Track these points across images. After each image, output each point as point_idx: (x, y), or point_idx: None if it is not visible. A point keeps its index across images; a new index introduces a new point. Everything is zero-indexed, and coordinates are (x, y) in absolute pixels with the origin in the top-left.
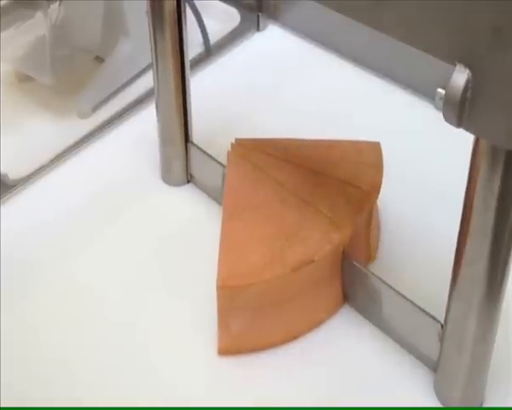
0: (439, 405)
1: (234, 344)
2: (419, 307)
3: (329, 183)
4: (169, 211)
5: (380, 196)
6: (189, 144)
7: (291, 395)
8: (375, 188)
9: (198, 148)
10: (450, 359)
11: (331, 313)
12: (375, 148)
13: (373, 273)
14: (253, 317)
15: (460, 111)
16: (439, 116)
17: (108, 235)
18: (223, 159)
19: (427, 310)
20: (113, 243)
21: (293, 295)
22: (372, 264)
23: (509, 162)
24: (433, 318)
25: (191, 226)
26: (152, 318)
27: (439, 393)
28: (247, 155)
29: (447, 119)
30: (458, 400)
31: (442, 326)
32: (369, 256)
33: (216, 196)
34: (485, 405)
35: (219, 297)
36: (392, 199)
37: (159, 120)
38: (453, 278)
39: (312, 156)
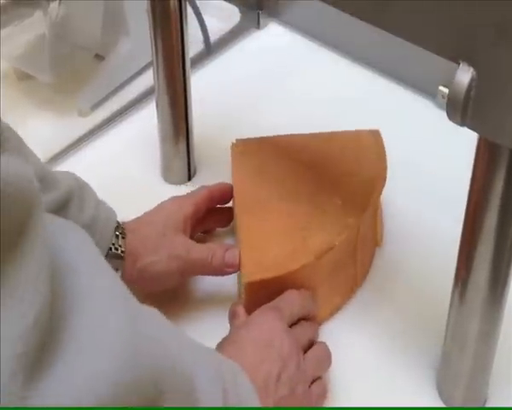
0: (441, 404)
1: None
2: None
3: (335, 173)
4: None
5: (382, 194)
6: None
7: None
8: (381, 174)
9: None
10: (452, 358)
11: (347, 297)
12: (375, 135)
13: None
14: None
15: (464, 110)
16: (442, 114)
17: None
18: (224, 156)
19: (431, 302)
20: None
21: (314, 282)
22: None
23: None
24: None
25: None
26: None
27: (441, 391)
28: (250, 156)
29: (451, 117)
30: (461, 399)
31: None
32: (377, 242)
33: None
34: (489, 404)
35: (246, 292)
36: (395, 197)
37: (159, 118)
38: (456, 278)
39: (314, 150)
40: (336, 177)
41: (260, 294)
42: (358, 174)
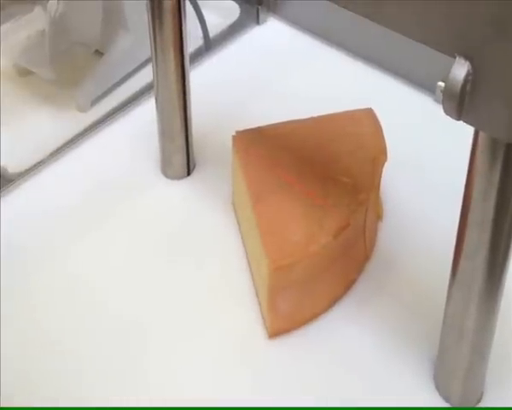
0: (438, 396)
1: (283, 324)
2: None
3: (339, 153)
4: (170, 204)
5: (380, 190)
6: None
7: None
8: (382, 151)
9: None
10: (449, 350)
11: (359, 271)
12: (369, 114)
13: None
14: (300, 292)
15: (460, 104)
16: (438, 108)
17: (109, 229)
18: (223, 150)
19: (427, 299)
20: (114, 237)
21: (332, 262)
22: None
23: (509, 155)
24: None
25: (193, 219)
26: (155, 316)
27: (438, 384)
28: (252, 145)
29: (447, 112)
30: (458, 391)
31: None
32: (380, 217)
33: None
34: (486, 397)
35: (271, 280)
36: (392, 191)
37: (158, 114)
38: (453, 269)
39: (315, 133)
40: (341, 156)
41: (284, 278)
42: (361, 151)
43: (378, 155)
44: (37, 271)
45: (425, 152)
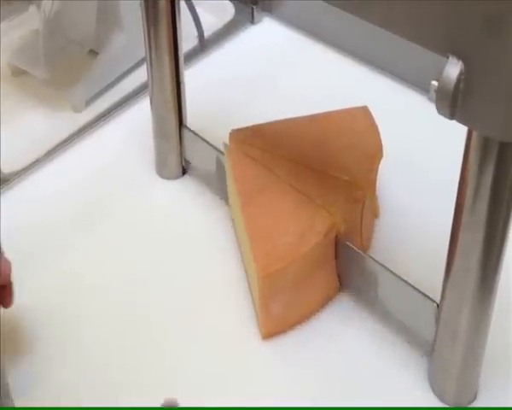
0: (433, 396)
1: (276, 326)
2: (415, 288)
3: (335, 150)
4: (165, 205)
5: (376, 187)
6: (182, 128)
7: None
8: (378, 147)
9: (192, 131)
10: (444, 349)
11: None
12: (364, 112)
13: (369, 256)
14: (292, 293)
15: (452, 103)
16: (432, 107)
17: (104, 228)
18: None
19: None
20: (109, 236)
21: (324, 259)
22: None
23: (502, 154)
24: (429, 298)
25: (188, 219)
26: (149, 316)
27: (433, 383)
28: (247, 145)
29: (440, 111)
30: (452, 390)
31: (438, 306)
32: (376, 214)
33: (211, 181)
34: (479, 396)
35: (261, 286)
36: (388, 188)
37: (153, 114)
38: (447, 268)
39: (312, 131)
40: (337, 153)
41: (275, 283)
42: (357, 148)
43: (374, 151)
44: (34, 270)
45: (419, 150)
